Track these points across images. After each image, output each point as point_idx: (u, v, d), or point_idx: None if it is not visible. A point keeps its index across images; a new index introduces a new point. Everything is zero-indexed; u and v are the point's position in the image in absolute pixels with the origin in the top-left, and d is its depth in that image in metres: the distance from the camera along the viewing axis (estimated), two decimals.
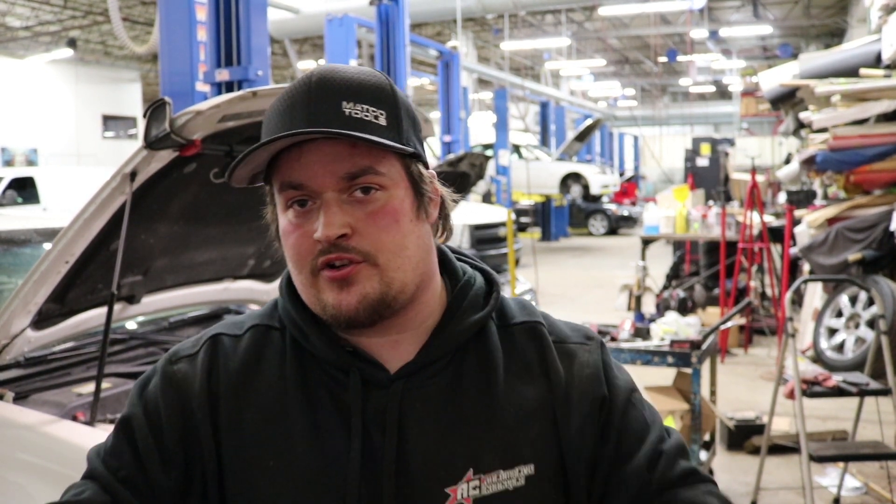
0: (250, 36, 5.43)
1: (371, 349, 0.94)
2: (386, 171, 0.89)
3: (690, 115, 32.44)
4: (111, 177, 2.12)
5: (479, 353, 0.95)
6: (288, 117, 0.88)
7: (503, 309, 1.01)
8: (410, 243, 0.91)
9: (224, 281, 3.04)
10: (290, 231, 0.90)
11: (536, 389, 0.95)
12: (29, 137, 19.64)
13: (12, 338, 2.29)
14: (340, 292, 0.88)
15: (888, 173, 6.14)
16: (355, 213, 0.88)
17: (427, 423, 0.91)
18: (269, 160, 0.90)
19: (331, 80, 0.88)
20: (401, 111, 0.91)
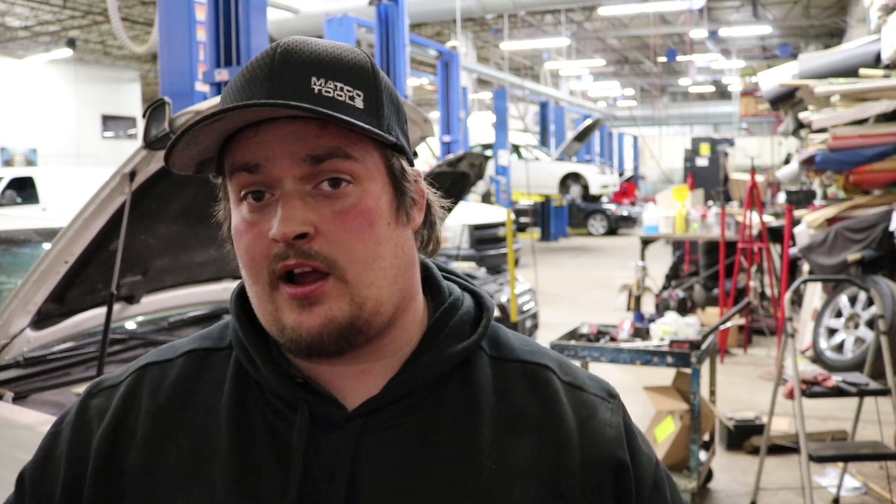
0: (250, 36, 5.43)
1: (332, 380, 0.77)
2: (360, 158, 0.73)
3: (690, 116, 32.46)
4: (111, 177, 2.12)
5: (462, 391, 0.78)
6: (246, 91, 0.73)
7: (498, 340, 0.84)
8: (386, 252, 0.74)
9: (223, 281, 3.04)
10: (243, 230, 0.74)
11: (530, 444, 0.77)
12: (28, 137, 19.63)
13: (12, 338, 2.29)
14: (302, 312, 0.72)
15: (887, 173, 6.14)
16: (321, 209, 0.72)
17: (387, 474, 0.74)
18: (220, 144, 0.74)
19: (298, 51, 0.73)
20: (382, 94, 0.76)
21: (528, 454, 0.76)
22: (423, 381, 0.77)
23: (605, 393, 0.84)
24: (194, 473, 0.76)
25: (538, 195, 17.87)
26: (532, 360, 0.83)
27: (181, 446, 0.77)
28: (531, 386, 0.81)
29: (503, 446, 0.76)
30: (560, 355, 0.87)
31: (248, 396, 0.79)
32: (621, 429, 0.81)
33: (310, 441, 0.75)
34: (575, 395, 0.81)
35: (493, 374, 0.81)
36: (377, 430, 0.75)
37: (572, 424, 0.79)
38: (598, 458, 0.78)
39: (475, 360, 0.81)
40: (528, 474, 0.76)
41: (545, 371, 0.82)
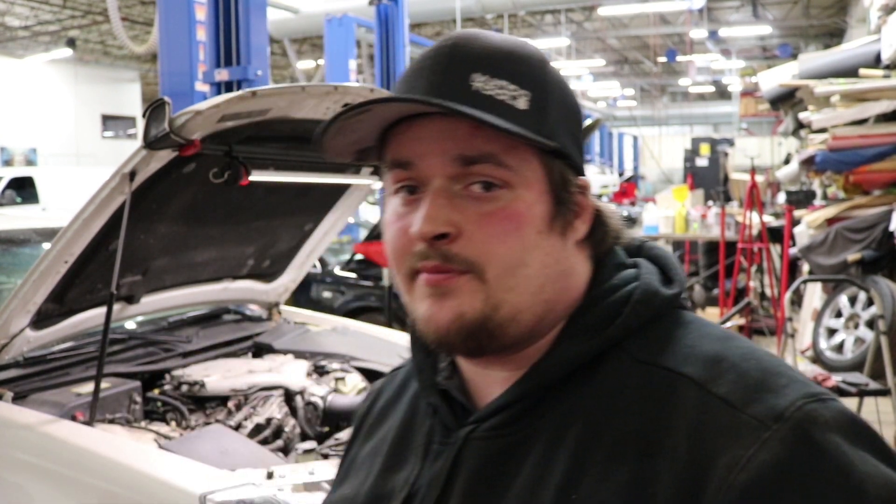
0: (250, 36, 5.44)
1: (483, 385, 0.75)
2: (514, 166, 0.69)
3: (690, 116, 32.46)
4: (110, 177, 2.12)
5: (575, 403, 0.69)
6: (408, 84, 0.71)
7: (659, 337, 0.70)
8: (533, 260, 0.69)
9: (223, 281, 3.04)
10: (392, 221, 0.73)
11: (626, 475, 0.62)
12: (28, 137, 19.63)
13: (11, 337, 2.29)
14: (434, 303, 0.70)
15: (887, 173, 6.14)
16: (467, 210, 0.68)
17: (472, 486, 0.71)
18: (380, 133, 0.73)
19: (466, 45, 0.71)
20: (550, 96, 0.71)
21: (617, 489, 0.62)
22: (529, 390, 0.71)
23: (770, 414, 0.59)
24: (366, 466, 0.84)
25: None
26: (672, 366, 0.66)
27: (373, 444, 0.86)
28: (654, 401, 0.65)
29: (595, 474, 0.64)
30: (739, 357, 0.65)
31: (420, 400, 0.83)
32: (768, 471, 0.57)
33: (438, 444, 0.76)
34: (715, 415, 0.61)
35: (625, 382, 0.68)
36: (478, 440, 0.72)
37: (684, 457, 0.61)
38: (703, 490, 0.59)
39: (607, 363, 0.69)
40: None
41: (681, 381, 0.65)
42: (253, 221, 2.87)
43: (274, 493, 1.79)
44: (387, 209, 0.74)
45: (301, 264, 3.30)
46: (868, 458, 0.58)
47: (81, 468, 1.91)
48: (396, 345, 3.16)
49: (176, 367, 2.70)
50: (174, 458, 1.95)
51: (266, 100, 2.15)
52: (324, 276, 6.46)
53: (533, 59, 0.72)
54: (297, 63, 15.09)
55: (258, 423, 2.43)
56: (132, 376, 2.53)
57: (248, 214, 2.80)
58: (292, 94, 2.21)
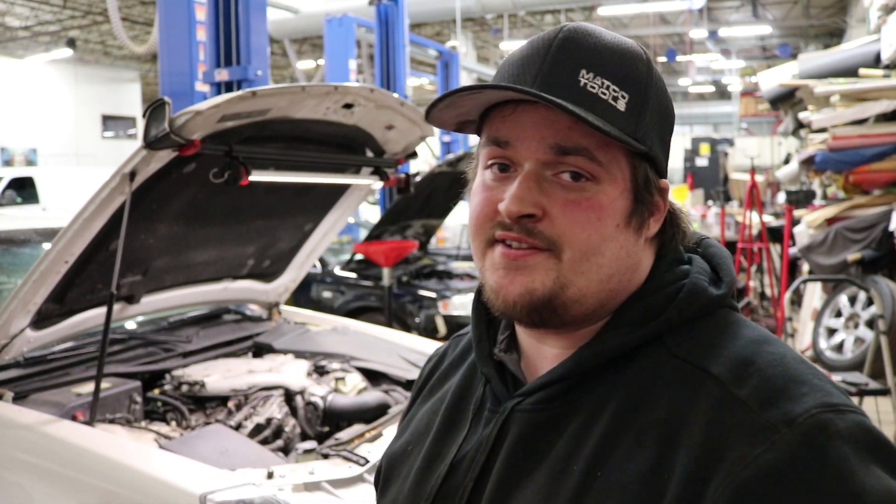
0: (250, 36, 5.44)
1: (537, 359, 0.82)
2: (605, 162, 0.74)
3: (690, 115, 32.45)
4: (110, 177, 2.12)
5: (611, 387, 0.74)
6: (518, 69, 0.76)
7: (697, 336, 0.74)
8: (608, 250, 0.74)
9: (223, 281, 3.04)
10: (479, 192, 0.78)
11: (647, 459, 0.68)
12: (28, 137, 19.63)
13: (12, 338, 2.29)
14: (506, 276, 0.75)
15: (887, 173, 6.14)
16: (554, 195, 0.73)
17: (516, 454, 0.77)
18: (482, 111, 0.78)
19: (578, 40, 0.75)
20: (649, 100, 0.76)
21: (638, 470, 0.68)
22: (572, 371, 0.76)
23: (783, 418, 0.63)
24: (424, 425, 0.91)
25: None
26: (703, 365, 0.71)
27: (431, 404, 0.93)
28: (680, 394, 0.70)
29: (619, 455, 0.70)
30: (768, 362, 0.69)
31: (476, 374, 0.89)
32: (770, 470, 0.61)
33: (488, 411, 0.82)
34: (733, 414, 0.66)
35: (659, 373, 0.73)
36: (522, 412, 0.79)
37: (698, 447, 0.65)
38: (710, 500, 0.62)
39: (647, 354, 0.74)
40: (630, 491, 0.67)
41: (706, 379, 0.69)
42: (253, 221, 2.87)
43: (274, 493, 1.79)
44: (477, 179, 0.80)
45: (301, 264, 3.30)
46: (875, 471, 0.60)
47: (81, 468, 1.91)
48: (396, 345, 3.16)
49: (176, 367, 2.70)
50: (174, 458, 1.95)
51: (266, 100, 2.15)
52: (324, 276, 6.46)
53: (640, 62, 0.76)
54: (297, 63, 15.09)
55: (258, 423, 2.43)
56: (132, 376, 2.53)
57: (248, 214, 2.80)
58: (292, 94, 2.21)
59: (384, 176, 2.91)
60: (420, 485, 0.84)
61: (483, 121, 0.79)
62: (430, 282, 6.33)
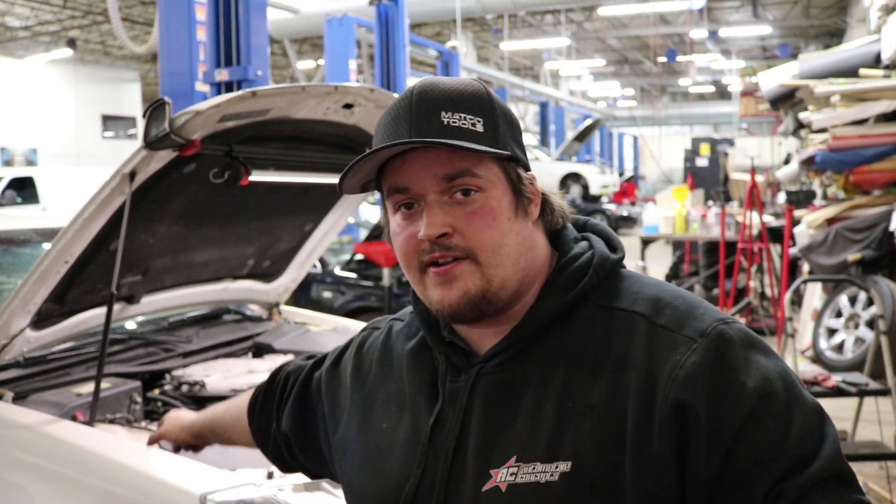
0: (250, 36, 5.44)
1: (477, 340, 1.00)
2: (483, 174, 0.93)
3: (690, 116, 32.45)
4: (111, 177, 2.12)
5: (559, 339, 0.94)
6: (392, 129, 0.94)
7: (613, 289, 0.96)
8: (509, 241, 0.94)
9: (223, 281, 3.04)
10: (398, 232, 0.97)
11: (604, 384, 0.89)
12: (28, 137, 19.64)
13: (12, 338, 2.29)
14: (444, 289, 0.93)
15: (887, 173, 6.14)
16: (455, 213, 0.92)
17: (487, 408, 0.94)
18: (377, 169, 0.97)
19: (430, 92, 0.94)
20: (498, 118, 0.96)
21: (601, 393, 0.88)
22: (524, 333, 0.95)
23: (696, 332, 0.88)
24: (393, 405, 1.06)
25: None
26: (626, 307, 0.93)
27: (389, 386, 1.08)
28: (617, 332, 0.91)
29: (582, 386, 0.90)
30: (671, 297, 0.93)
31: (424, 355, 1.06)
32: (696, 368, 0.85)
33: (451, 382, 0.99)
34: (660, 338, 0.89)
35: (594, 322, 0.94)
36: (487, 374, 0.96)
37: (643, 368, 0.87)
38: (661, 400, 0.85)
39: (580, 310, 0.95)
40: (599, 411, 0.87)
41: (635, 317, 0.92)
42: (253, 221, 2.87)
43: (274, 493, 1.79)
44: (391, 224, 0.99)
45: (301, 264, 3.30)
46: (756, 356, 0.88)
47: (82, 468, 1.91)
48: None
49: (176, 367, 2.70)
50: (174, 458, 1.95)
51: (266, 100, 2.15)
52: (324, 276, 6.46)
53: (481, 92, 0.96)
54: (297, 63, 15.10)
55: None
56: (132, 376, 2.53)
57: (249, 214, 2.80)
58: (292, 94, 2.21)
59: None
60: (409, 454, 0.99)
61: (379, 178, 0.98)
62: None
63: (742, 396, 0.83)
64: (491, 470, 0.91)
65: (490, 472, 0.91)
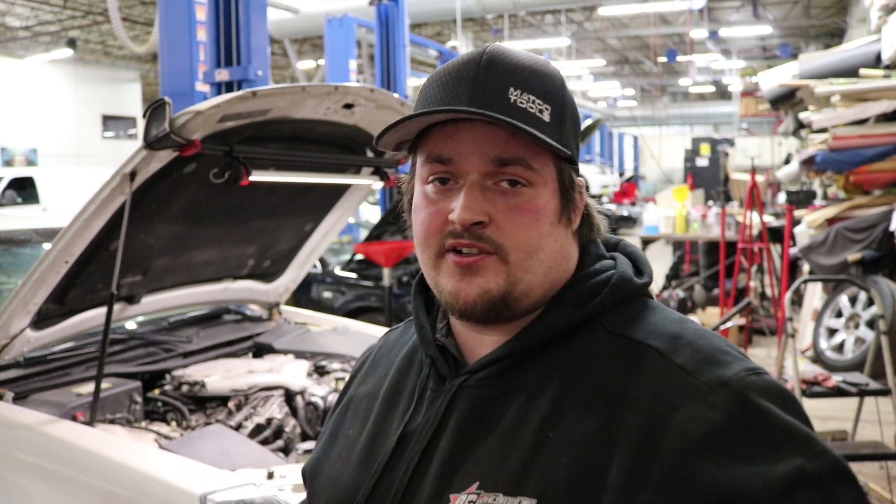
0: (250, 36, 5.44)
1: (476, 346, 0.89)
2: (538, 168, 0.83)
3: (690, 116, 32.44)
4: (111, 177, 2.12)
5: (556, 361, 0.83)
6: (450, 90, 0.83)
7: (629, 316, 0.85)
8: (546, 246, 0.84)
9: (224, 281, 3.04)
10: (425, 205, 0.86)
11: (594, 419, 0.77)
12: (28, 137, 19.62)
13: (12, 338, 2.29)
14: (462, 280, 0.83)
15: (888, 173, 6.14)
16: (496, 202, 0.82)
17: (466, 425, 0.85)
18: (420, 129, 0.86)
19: (502, 61, 0.83)
20: (567, 110, 0.86)
21: (588, 429, 0.77)
22: (518, 348, 0.85)
23: (716, 382, 0.74)
24: (363, 410, 0.98)
25: None
26: (640, 338, 0.81)
27: (368, 387, 1.00)
28: (624, 364, 0.80)
29: (569, 417, 0.79)
30: (693, 335, 0.80)
31: (416, 357, 0.97)
32: (716, 429, 0.71)
33: (433, 391, 0.90)
34: (673, 379, 0.76)
35: (599, 348, 0.82)
36: (471, 387, 0.87)
37: (645, 409, 0.75)
38: (665, 453, 0.71)
39: (584, 332, 0.84)
40: (580, 449, 0.76)
41: (647, 350, 0.80)
42: (253, 222, 2.87)
43: (274, 493, 1.79)
44: (417, 194, 0.88)
45: (301, 264, 3.30)
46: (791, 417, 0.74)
47: (82, 468, 1.91)
48: None
49: (176, 367, 2.70)
50: (174, 458, 1.95)
51: (266, 100, 2.15)
52: (324, 277, 6.46)
53: (555, 77, 0.86)
54: (297, 63, 15.09)
55: (259, 424, 2.43)
56: (133, 376, 2.53)
57: (249, 214, 2.80)
58: (292, 94, 2.21)
59: (384, 176, 2.91)
60: (366, 461, 0.91)
61: (419, 138, 0.86)
62: None
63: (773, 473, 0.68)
64: (450, 493, 0.81)
65: (448, 496, 0.81)
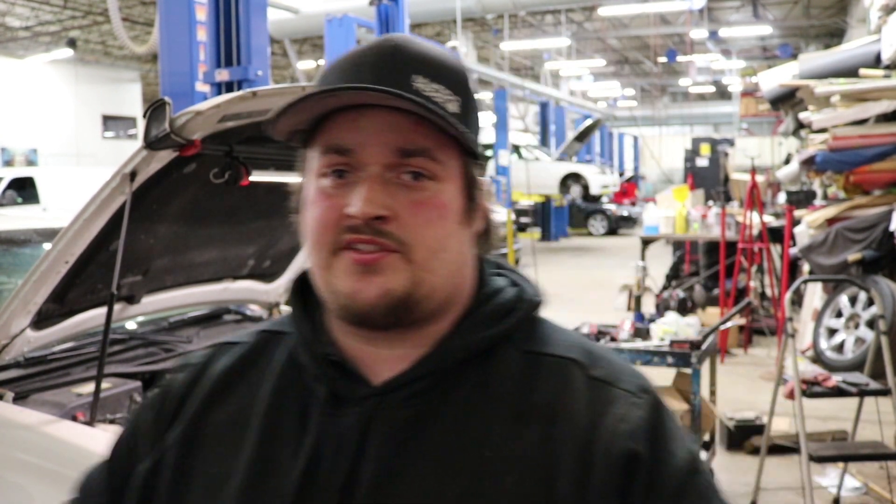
0: (250, 36, 5.44)
1: (370, 362, 0.81)
2: (443, 161, 0.77)
3: (690, 116, 32.44)
4: (111, 177, 2.12)
5: (478, 380, 0.79)
6: (352, 76, 0.76)
7: (536, 334, 0.84)
8: (451, 246, 0.78)
9: (224, 281, 3.04)
10: (319, 200, 0.78)
11: (533, 436, 0.77)
12: (29, 137, 19.63)
13: (12, 338, 2.29)
14: (360, 280, 0.75)
15: (888, 173, 6.14)
16: (399, 196, 0.76)
17: (388, 452, 0.76)
18: (317, 118, 0.78)
19: (407, 48, 0.78)
20: (473, 104, 0.81)
21: (528, 446, 0.76)
22: (437, 366, 0.79)
23: (637, 388, 0.80)
24: (228, 442, 0.82)
25: (538, 195, 17.87)
26: (560, 353, 0.81)
27: (225, 416, 0.84)
28: (551, 380, 0.80)
29: (505, 436, 0.76)
30: (601, 350, 0.84)
31: (293, 375, 0.83)
32: (641, 423, 0.77)
33: (330, 415, 0.79)
34: (598, 390, 0.79)
35: (518, 366, 0.80)
36: (389, 409, 0.78)
37: (583, 420, 0.77)
38: (604, 453, 0.75)
39: (500, 351, 0.81)
40: (524, 466, 0.75)
41: (570, 365, 0.80)
42: (253, 221, 2.87)
43: None
44: (310, 188, 0.79)
45: (301, 265, 3.30)
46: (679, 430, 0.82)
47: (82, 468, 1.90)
48: None
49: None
50: None
51: (266, 100, 2.15)
52: None
53: (462, 69, 0.81)
54: (297, 63, 15.09)
55: None
56: (133, 376, 2.53)
57: (249, 214, 2.80)
58: (293, 94, 2.21)
59: None
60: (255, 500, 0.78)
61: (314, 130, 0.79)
62: None
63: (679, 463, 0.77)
64: None
65: None
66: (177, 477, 0.83)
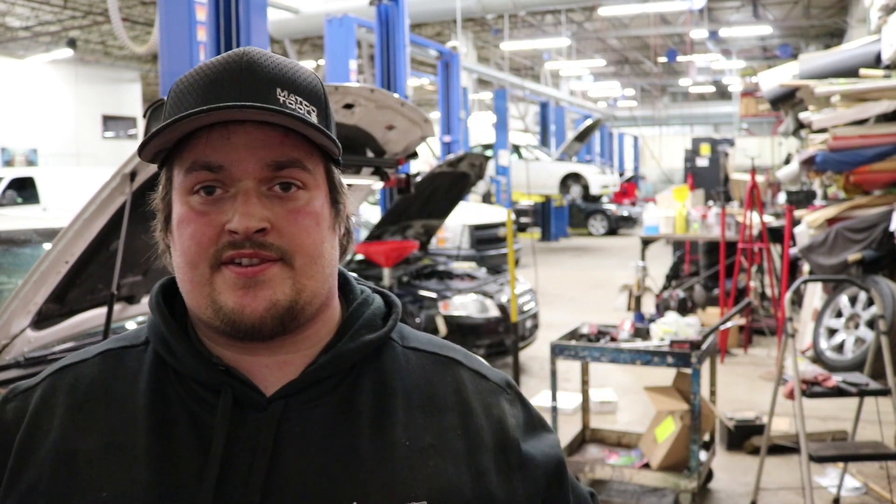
0: (250, 36, 5.44)
1: (253, 370, 0.82)
2: (312, 170, 0.81)
3: (690, 116, 32.45)
4: (111, 177, 2.12)
5: (376, 377, 0.85)
6: (213, 94, 0.77)
7: (408, 334, 0.92)
8: (325, 251, 0.82)
9: None
10: (192, 218, 0.78)
11: (441, 424, 0.84)
12: (29, 137, 19.63)
13: (12, 338, 2.29)
14: (246, 294, 0.77)
15: (888, 173, 6.14)
16: (274, 208, 0.78)
17: (308, 451, 0.78)
18: (179, 138, 0.79)
19: (265, 63, 0.79)
20: (330, 113, 0.85)
21: (439, 433, 0.84)
22: (339, 366, 0.83)
23: (505, 384, 0.93)
24: (112, 463, 0.77)
25: (538, 195, 17.87)
26: (441, 352, 0.91)
27: (98, 438, 0.79)
28: (441, 374, 0.88)
29: (417, 425, 0.83)
30: (463, 349, 0.95)
31: (167, 386, 0.82)
32: (521, 419, 0.91)
33: (232, 423, 0.78)
34: (479, 383, 0.90)
35: (407, 362, 0.88)
36: (298, 409, 0.80)
37: (479, 409, 0.87)
38: (506, 441, 0.87)
39: (388, 350, 0.88)
40: (440, 451, 0.82)
41: (453, 362, 0.90)
42: None
43: None
44: (179, 208, 0.80)
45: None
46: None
47: None
48: None
49: None
50: None
51: None
52: None
53: (315, 79, 0.84)
54: None
55: None
56: None
57: None
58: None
59: (385, 176, 2.91)
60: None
61: (175, 149, 0.80)
62: (430, 282, 6.33)
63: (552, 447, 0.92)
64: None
65: None
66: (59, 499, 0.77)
